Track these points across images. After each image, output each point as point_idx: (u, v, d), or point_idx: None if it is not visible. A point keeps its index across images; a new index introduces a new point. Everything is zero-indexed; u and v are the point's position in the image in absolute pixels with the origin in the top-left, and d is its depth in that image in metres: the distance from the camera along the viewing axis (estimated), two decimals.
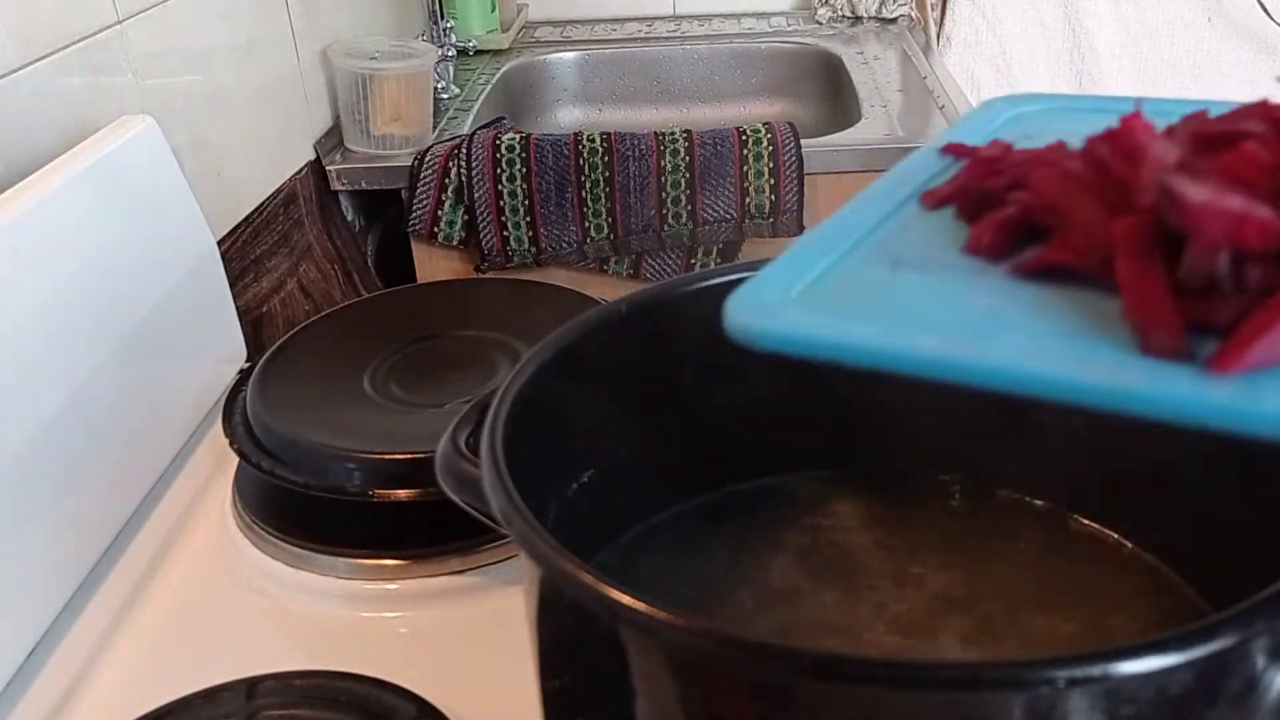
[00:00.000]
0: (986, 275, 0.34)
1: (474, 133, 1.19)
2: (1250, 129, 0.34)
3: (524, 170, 1.15)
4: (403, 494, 0.60)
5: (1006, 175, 0.38)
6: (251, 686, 0.52)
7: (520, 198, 1.15)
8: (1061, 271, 0.33)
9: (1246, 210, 0.29)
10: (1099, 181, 0.34)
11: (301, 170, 1.14)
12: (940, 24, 1.69)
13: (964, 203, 0.38)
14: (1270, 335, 0.27)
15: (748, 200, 1.15)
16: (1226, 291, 0.29)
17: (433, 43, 1.43)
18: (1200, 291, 0.29)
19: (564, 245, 1.17)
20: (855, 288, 0.34)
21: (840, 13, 1.64)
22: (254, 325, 0.96)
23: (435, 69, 1.32)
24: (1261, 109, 0.35)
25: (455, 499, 0.43)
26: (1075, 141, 0.38)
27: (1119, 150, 0.34)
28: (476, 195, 1.15)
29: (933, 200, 0.39)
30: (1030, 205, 0.35)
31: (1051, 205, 0.35)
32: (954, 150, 0.42)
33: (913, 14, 1.63)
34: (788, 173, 1.15)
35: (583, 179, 1.15)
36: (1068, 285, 0.32)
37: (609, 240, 1.17)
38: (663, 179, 1.15)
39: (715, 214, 1.16)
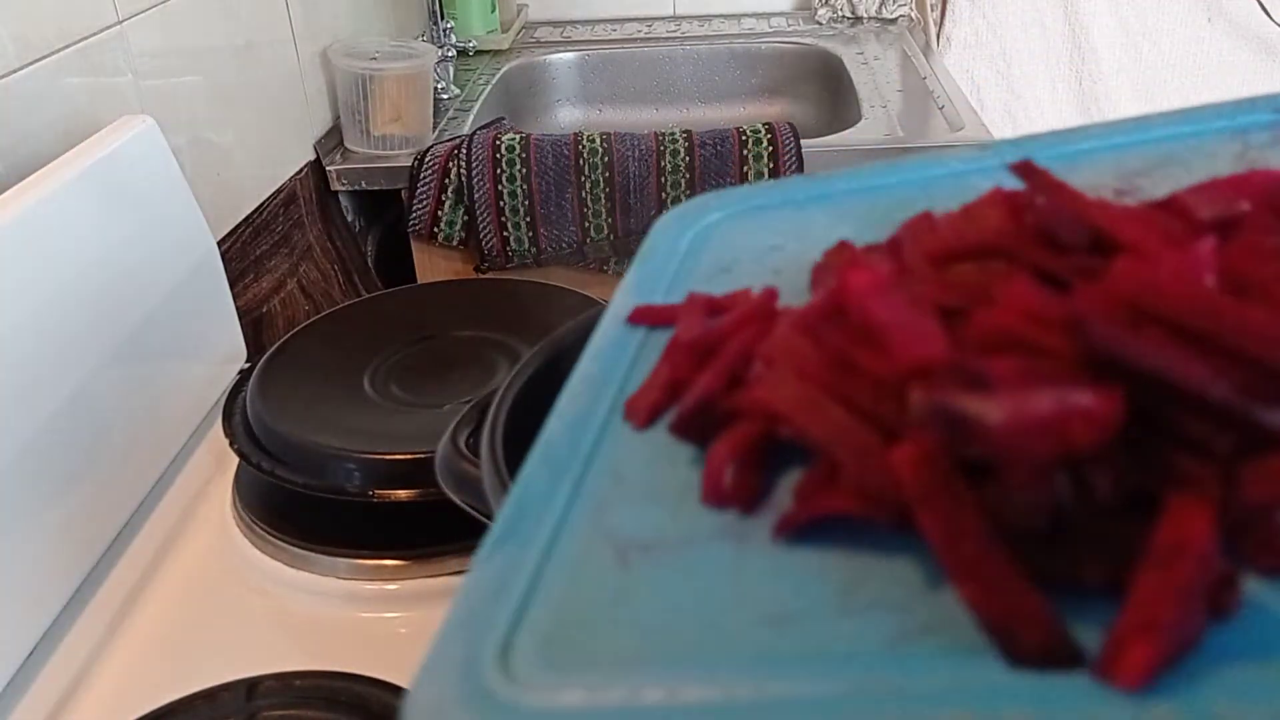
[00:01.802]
0: (747, 542, 0.25)
1: (474, 133, 1.19)
2: (987, 235, 0.26)
3: (524, 170, 1.15)
4: (403, 494, 0.60)
5: (720, 365, 0.28)
6: (251, 687, 0.52)
7: (520, 198, 1.15)
8: (838, 518, 0.24)
9: (1061, 406, 0.20)
10: (844, 384, 0.25)
11: (301, 170, 1.14)
12: (940, 24, 1.69)
13: (680, 423, 0.28)
14: (1178, 609, 0.19)
15: None
16: (1075, 521, 0.21)
17: (433, 43, 1.43)
18: (1039, 536, 0.21)
19: (564, 245, 1.17)
20: (576, 621, 0.23)
21: (840, 13, 1.64)
22: (254, 325, 0.96)
23: (435, 69, 1.32)
24: (995, 197, 0.27)
25: (455, 499, 0.43)
26: (784, 267, 0.31)
27: (855, 334, 0.25)
28: (476, 195, 1.15)
29: (641, 417, 0.29)
30: (770, 420, 0.26)
31: (802, 431, 0.25)
32: (643, 319, 0.33)
33: (913, 14, 1.63)
34: (788, 173, 1.14)
35: (583, 179, 1.15)
36: (852, 538, 0.24)
37: (609, 240, 1.17)
38: (663, 179, 1.15)
39: None
